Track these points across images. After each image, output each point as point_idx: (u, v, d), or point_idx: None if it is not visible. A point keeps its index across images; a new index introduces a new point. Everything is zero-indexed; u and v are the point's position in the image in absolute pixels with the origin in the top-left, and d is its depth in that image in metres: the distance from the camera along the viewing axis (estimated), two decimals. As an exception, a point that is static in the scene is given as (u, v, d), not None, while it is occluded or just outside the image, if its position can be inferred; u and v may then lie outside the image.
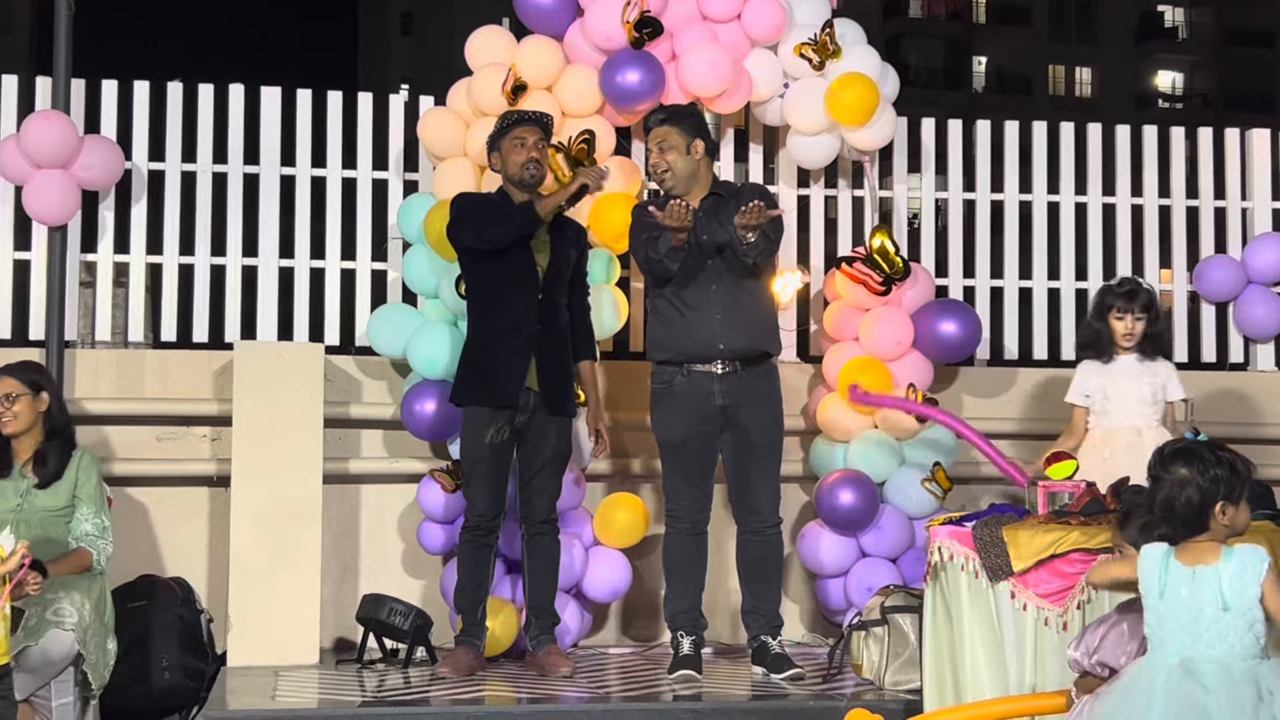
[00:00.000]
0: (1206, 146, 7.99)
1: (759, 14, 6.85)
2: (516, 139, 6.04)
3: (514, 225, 5.88)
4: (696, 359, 5.90)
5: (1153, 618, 3.90)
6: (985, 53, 47.25)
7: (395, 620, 6.26)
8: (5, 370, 5.74)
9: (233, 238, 7.13)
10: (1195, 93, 48.66)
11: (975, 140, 7.77)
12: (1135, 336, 6.18)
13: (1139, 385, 6.15)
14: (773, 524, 6.00)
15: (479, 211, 5.95)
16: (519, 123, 6.07)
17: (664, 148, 5.98)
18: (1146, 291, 6.28)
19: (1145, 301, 6.21)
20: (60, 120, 6.59)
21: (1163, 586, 3.86)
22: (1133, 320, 6.18)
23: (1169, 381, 6.20)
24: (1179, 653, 3.82)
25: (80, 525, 5.64)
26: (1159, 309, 6.30)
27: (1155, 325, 6.22)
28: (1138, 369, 6.18)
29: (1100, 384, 6.21)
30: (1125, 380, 6.16)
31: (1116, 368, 6.20)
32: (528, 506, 6.05)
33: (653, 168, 6.05)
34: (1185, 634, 3.82)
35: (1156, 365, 6.21)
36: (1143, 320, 6.19)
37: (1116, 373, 6.19)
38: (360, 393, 6.95)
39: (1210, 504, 3.89)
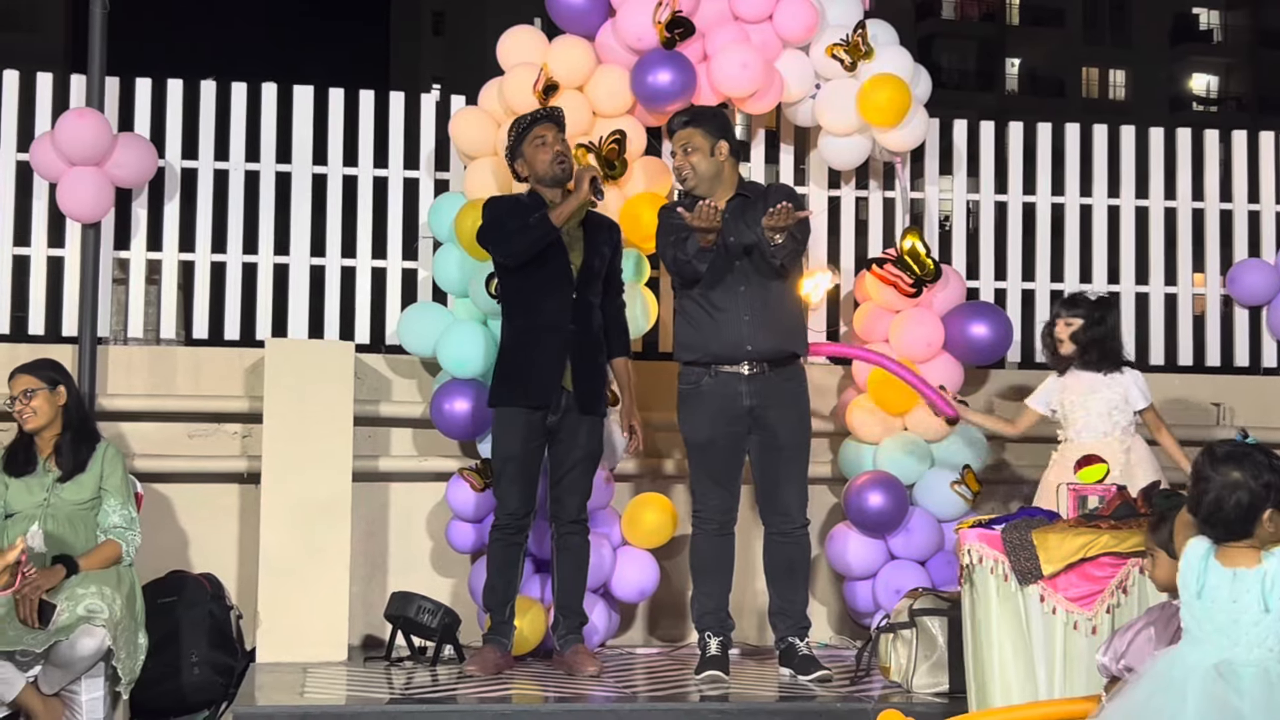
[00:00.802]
0: (1241, 149, 7.95)
1: (791, 14, 6.84)
2: (537, 139, 6.04)
3: (533, 239, 5.88)
4: (724, 360, 5.90)
5: (1189, 615, 3.85)
6: (1018, 54, 47.05)
7: (423, 618, 6.27)
8: (21, 369, 5.80)
9: (264, 236, 7.16)
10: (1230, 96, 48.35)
11: (1007, 142, 7.74)
12: (1065, 341, 6.15)
13: (1093, 398, 6.11)
14: (800, 525, 5.99)
15: (503, 223, 5.95)
16: (534, 123, 6.08)
17: (688, 149, 5.97)
18: (1086, 299, 6.25)
19: (1081, 308, 6.18)
20: (94, 118, 6.63)
21: (1201, 585, 3.82)
22: (1063, 325, 6.17)
23: (1130, 391, 6.13)
24: (1216, 654, 3.78)
25: (108, 517, 5.69)
26: (1102, 315, 6.18)
27: (1091, 331, 6.12)
28: (1093, 382, 6.14)
29: (1058, 398, 6.21)
30: (1079, 395, 6.14)
31: (1071, 381, 6.19)
32: (558, 506, 6.05)
33: (676, 170, 6.04)
34: (1223, 636, 3.78)
35: (1116, 377, 6.14)
36: (1074, 325, 6.15)
37: (1071, 386, 6.18)
38: (390, 391, 6.96)
39: (1260, 509, 3.85)
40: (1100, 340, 6.16)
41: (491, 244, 5.98)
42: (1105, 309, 6.25)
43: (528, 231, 5.90)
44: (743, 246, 5.88)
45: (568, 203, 5.92)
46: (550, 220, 5.88)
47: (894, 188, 7.37)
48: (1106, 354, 6.16)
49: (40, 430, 5.71)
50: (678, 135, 6.02)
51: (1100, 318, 6.19)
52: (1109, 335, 6.19)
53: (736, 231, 5.88)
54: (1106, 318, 6.22)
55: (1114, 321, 6.27)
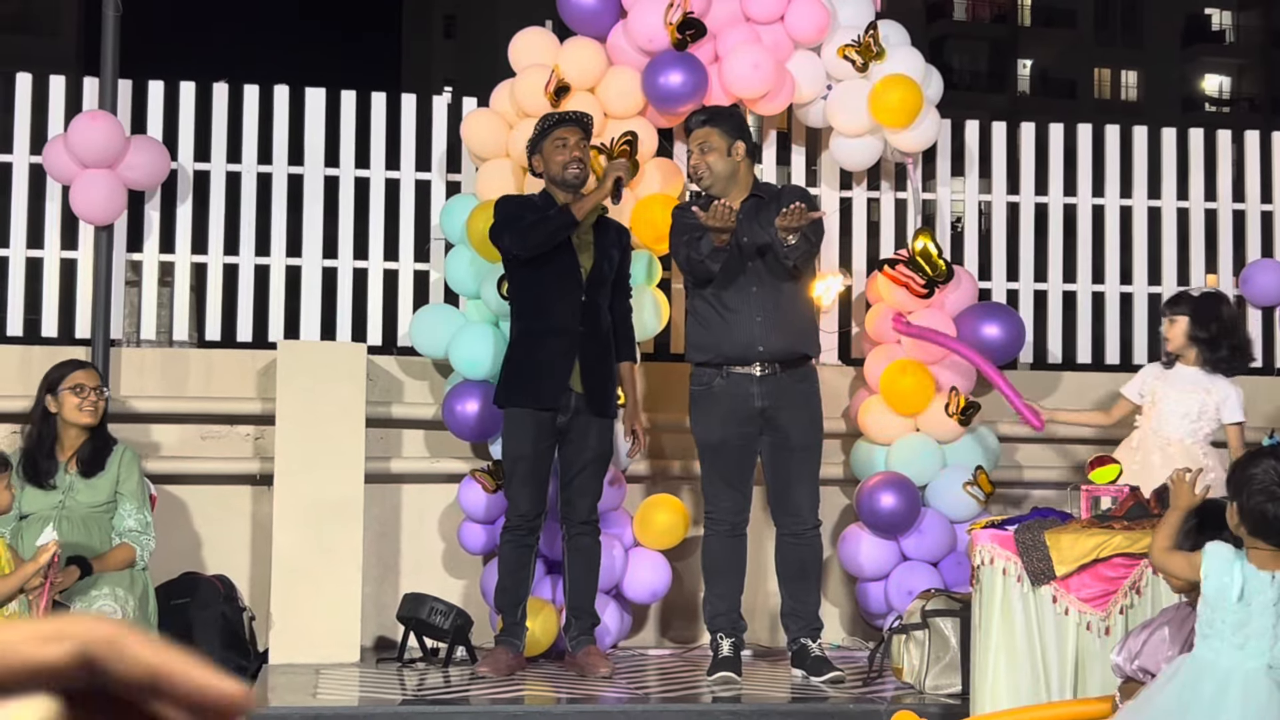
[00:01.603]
0: (1253, 150, 7.93)
1: (802, 15, 6.84)
2: (559, 140, 6.04)
3: (552, 230, 5.87)
4: (735, 361, 5.89)
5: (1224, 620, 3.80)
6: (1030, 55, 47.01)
7: (436, 619, 6.27)
8: (82, 364, 5.84)
9: (277, 238, 7.17)
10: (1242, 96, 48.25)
11: (1019, 143, 7.72)
12: (1171, 340, 6.12)
13: (1185, 397, 6.07)
14: (812, 526, 5.99)
15: (519, 217, 5.95)
16: (560, 123, 6.07)
17: (705, 149, 5.96)
18: (1190, 297, 6.20)
19: (1184, 306, 6.14)
20: (107, 120, 6.64)
21: (1241, 590, 3.79)
22: (1168, 323, 6.15)
23: (1224, 403, 6.05)
24: (1259, 657, 3.76)
25: (124, 521, 5.69)
26: (1211, 318, 6.09)
27: (1200, 331, 6.07)
28: (1193, 381, 6.09)
29: (1153, 386, 6.17)
30: (1174, 389, 6.09)
31: (1174, 375, 6.15)
32: (569, 507, 6.05)
33: (693, 169, 6.04)
34: (1265, 639, 3.76)
35: (1214, 381, 6.08)
36: (1179, 323, 6.11)
37: (1172, 379, 6.13)
38: (402, 393, 6.97)
39: None
40: (1218, 333, 6.06)
41: (507, 236, 5.94)
42: (1215, 302, 6.17)
43: (547, 222, 5.89)
44: (756, 247, 5.88)
45: (590, 198, 5.92)
46: (572, 212, 5.87)
47: (906, 189, 7.36)
48: (1217, 359, 6.04)
49: (93, 428, 5.73)
50: (695, 134, 6.01)
51: (1208, 318, 6.07)
52: (1228, 328, 6.08)
53: (750, 232, 5.88)
54: (1219, 311, 6.11)
55: (1229, 313, 6.15)
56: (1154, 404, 6.13)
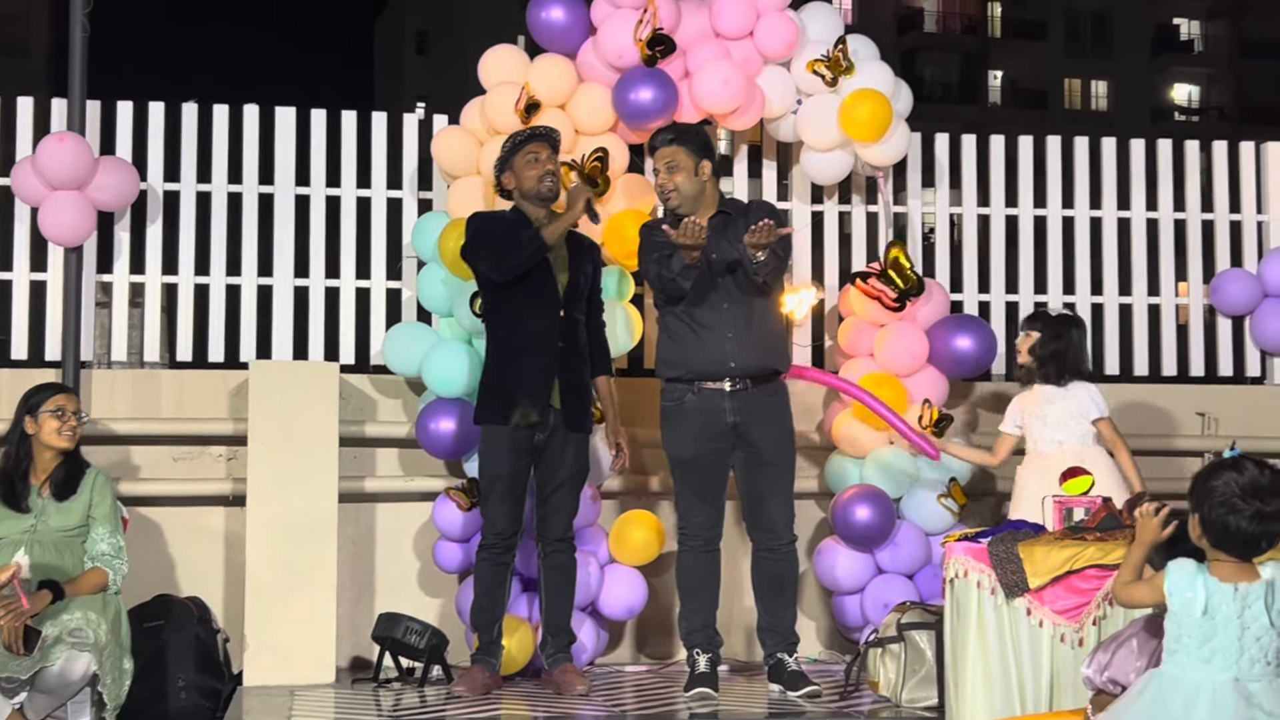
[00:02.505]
0: (1221, 160, 7.97)
1: (771, 31, 6.86)
2: (530, 154, 6.05)
3: (525, 255, 5.88)
4: (707, 377, 5.90)
5: (1189, 635, 3.81)
6: (1001, 67, 47.23)
7: (411, 639, 6.25)
8: (62, 387, 5.82)
9: (248, 257, 7.15)
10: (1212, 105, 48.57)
11: (989, 155, 7.75)
12: (1023, 354, 6.23)
13: (1049, 409, 6.14)
14: (787, 541, 5.99)
15: (493, 238, 5.94)
16: (530, 139, 6.08)
17: (671, 168, 5.97)
18: (1047, 314, 6.33)
19: (1039, 323, 6.25)
20: (75, 142, 6.62)
21: (1205, 604, 3.79)
22: (1024, 338, 6.25)
23: (1083, 402, 6.14)
24: (1225, 671, 3.76)
25: (96, 545, 5.65)
26: (1061, 331, 6.21)
27: (1049, 346, 6.16)
28: (1049, 394, 6.18)
29: (1020, 412, 6.27)
30: (1036, 406, 6.18)
31: (1030, 394, 6.25)
32: (545, 524, 6.04)
33: (659, 188, 6.04)
34: (1230, 652, 3.77)
35: (1071, 388, 6.16)
36: (1032, 338, 6.20)
37: (1034, 399, 6.22)
38: (375, 411, 6.95)
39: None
40: (1058, 355, 6.19)
41: (481, 259, 5.96)
42: (1066, 325, 6.28)
43: (520, 248, 5.89)
44: (725, 264, 5.88)
45: (561, 220, 5.93)
46: (542, 237, 5.88)
47: (877, 202, 7.38)
48: (1062, 367, 6.19)
49: (70, 452, 5.70)
50: (661, 153, 6.02)
51: (1058, 333, 6.21)
52: (1067, 350, 6.21)
53: (719, 249, 5.88)
54: (1066, 333, 6.24)
55: (1075, 337, 6.28)
56: (1031, 426, 6.22)
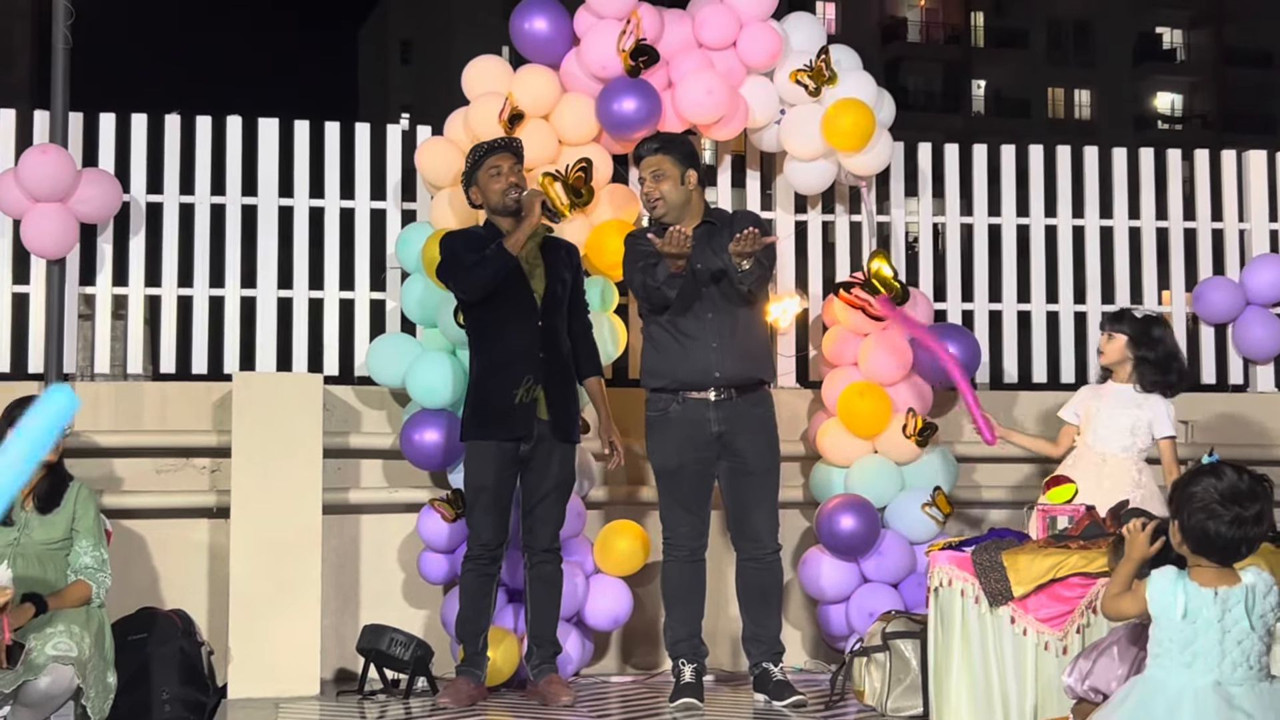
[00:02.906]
0: (1203, 168, 8.00)
1: (754, 41, 6.87)
2: (492, 168, 6.05)
3: (491, 271, 5.88)
4: (691, 386, 5.90)
5: (1171, 639, 3.82)
6: (984, 76, 47.37)
7: (396, 651, 6.24)
8: None
9: (231, 269, 7.14)
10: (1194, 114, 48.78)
11: (972, 164, 7.77)
12: (1107, 355, 6.17)
13: (1119, 413, 6.11)
14: (772, 550, 5.99)
15: (459, 258, 5.94)
16: (490, 152, 6.09)
17: (658, 176, 5.97)
18: (1133, 317, 6.21)
19: (1125, 325, 6.17)
20: (58, 154, 6.61)
21: (1185, 608, 3.80)
22: (1106, 339, 6.19)
23: (1156, 418, 6.08)
24: (1207, 675, 3.77)
25: (79, 558, 5.64)
26: (1153, 337, 6.13)
27: (1141, 350, 6.09)
28: (1126, 397, 6.14)
29: (1087, 405, 6.22)
30: (1108, 406, 6.13)
31: (1106, 391, 6.20)
32: (530, 535, 6.03)
33: (645, 196, 6.04)
34: (1212, 657, 3.78)
35: (1148, 398, 6.11)
36: (1117, 340, 6.14)
37: (1105, 396, 6.18)
38: (360, 422, 6.94)
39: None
40: (1154, 362, 6.09)
41: (450, 280, 6.00)
42: (1154, 327, 6.16)
43: (485, 264, 5.89)
44: (710, 273, 5.89)
45: (520, 229, 5.93)
46: (506, 249, 5.88)
47: (860, 211, 7.40)
48: (1152, 378, 6.07)
49: (53, 465, 5.68)
50: (647, 161, 6.02)
51: (1150, 338, 6.10)
52: (1166, 356, 6.11)
53: (704, 258, 5.89)
54: (1153, 335, 6.12)
55: (1167, 340, 6.16)
56: (1088, 421, 6.18)
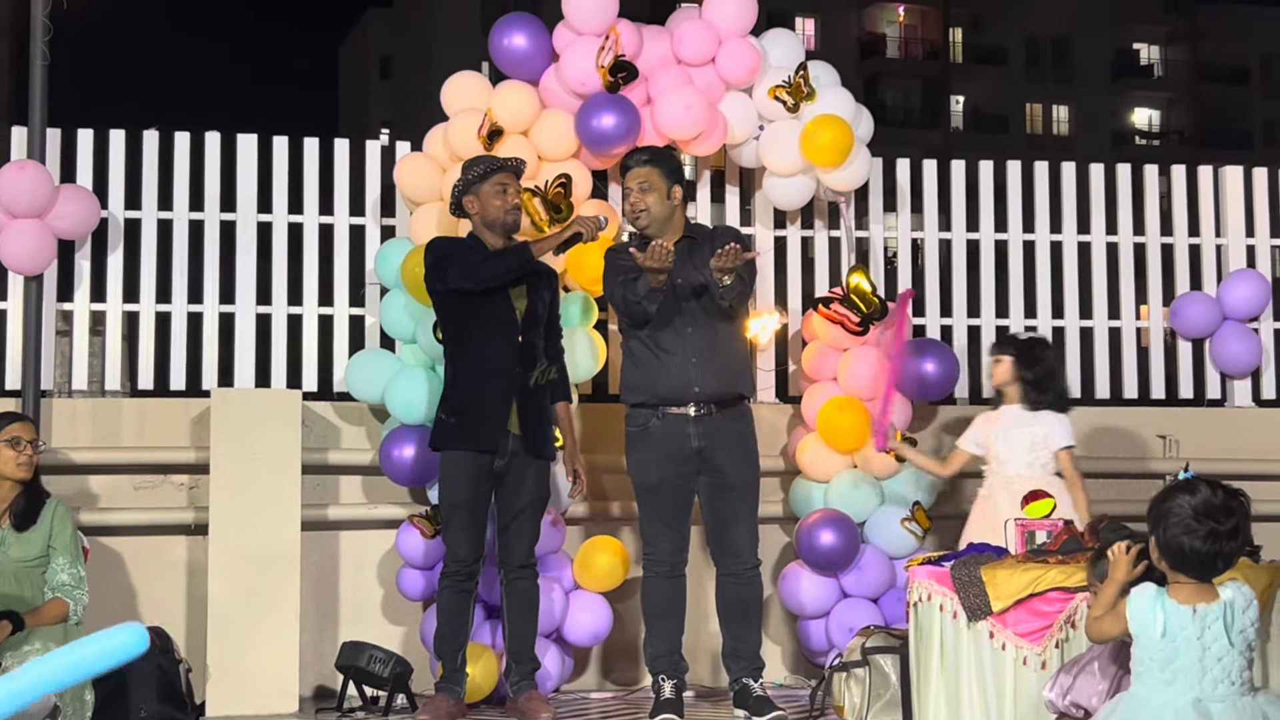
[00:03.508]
0: (1180, 184, 8.03)
1: (733, 57, 6.89)
2: (499, 184, 6.03)
3: (508, 265, 5.88)
4: (671, 402, 5.89)
5: (1151, 658, 3.82)
6: (962, 92, 47.53)
7: (375, 667, 6.22)
8: (19, 417, 5.77)
9: (210, 285, 7.12)
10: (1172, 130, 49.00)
11: (950, 180, 7.79)
12: (996, 377, 6.27)
13: (1014, 432, 6.18)
14: (752, 565, 5.98)
15: (462, 255, 5.95)
16: (502, 169, 6.06)
17: (644, 189, 5.96)
18: (1017, 339, 6.40)
19: (1011, 347, 6.30)
20: (35, 170, 6.59)
21: (1164, 626, 3.81)
22: (994, 362, 6.32)
23: (1051, 432, 6.17)
24: (1187, 693, 3.78)
25: (56, 575, 5.61)
26: (1035, 357, 6.26)
27: (1026, 370, 6.21)
28: (1019, 416, 6.22)
29: (987, 433, 6.30)
30: (1003, 428, 6.21)
31: (999, 415, 6.29)
32: (506, 551, 6.02)
33: (630, 207, 6.01)
34: (1192, 674, 3.78)
35: (1040, 415, 6.20)
36: (1005, 362, 6.25)
37: (998, 420, 6.28)
38: (339, 439, 6.93)
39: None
40: (1042, 375, 6.23)
41: (452, 271, 5.89)
42: (1037, 348, 6.33)
43: (504, 258, 5.89)
44: (691, 288, 5.89)
45: (551, 239, 5.94)
46: (530, 250, 5.88)
47: (839, 227, 7.41)
48: (1047, 386, 6.23)
49: (26, 481, 5.65)
50: (635, 172, 5.98)
51: (1038, 356, 6.26)
52: (1050, 371, 6.27)
53: (684, 273, 5.88)
54: (1044, 355, 6.29)
55: (1049, 360, 6.33)
56: (990, 448, 6.26)
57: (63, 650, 2.58)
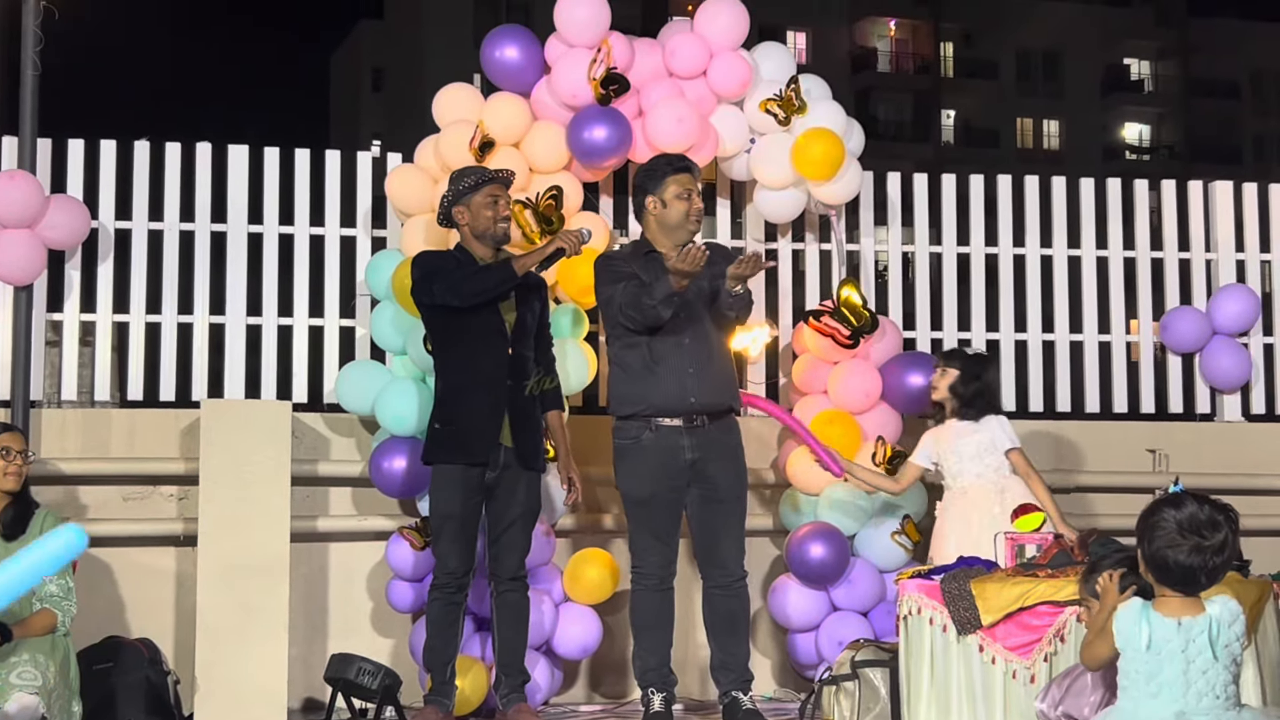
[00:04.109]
0: (1170, 199, 8.05)
1: (725, 70, 6.90)
2: (491, 195, 6.01)
3: (493, 282, 5.85)
4: (664, 413, 5.86)
5: (1137, 670, 3.83)
6: (953, 106, 47.60)
7: (364, 680, 6.20)
8: (6, 426, 5.75)
9: (200, 296, 7.12)
10: (1162, 144, 49.10)
11: (941, 194, 7.80)
12: (941, 390, 6.30)
13: (961, 443, 6.24)
14: (739, 577, 5.97)
15: (448, 270, 5.92)
16: (494, 180, 6.05)
17: (696, 194, 5.96)
18: (968, 354, 6.47)
19: (959, 361, 6.35)
20: (26, 180, 6.58)
21: (1149, 639, 3.81)
22: (939, 374, 6.34)
23: (995, 436, 6.23)
24: (1171, 706, 3.78)
25: (45, 586, 5.59)
26: (978, 369, 6.32)
27: (962, 386, 6.26)
28: (962, 427, 6.27)
29: (936, 448, 6.34)
30: (949, 440, 6.26)
31: (944, 429, 6.33)
32: (497, 563, 6.01)
33: (695, 209, 5.91)
34: (1176, 687, 3.78)
35: (984, 422, 6.25)
36: (948, 375, 6.29)
37: (945, 434, 6.31)
38: (328, 450, 6.92)
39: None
40: (981, 393, 6.30)
41: (439, 286, 5.86)
42: (982, 363, 6.42)
43: (489, 273, 5.86)
44: (702, 296, 5.87)
45: (534, 255, 5.89)
46: (513, 267, 5.86)
47: (830, 240, 7.42)
48: (984, 404, 6.29)
49: (15, 492, 5.64)
50: (690, 178, 5.94)
51: (976, 372, 6.32)
52: (983, 389, 6.32)
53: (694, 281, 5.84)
54: (983, 372, 6.36)
55: (991, 376, 6.43)
56: (945, 462, 6.31)
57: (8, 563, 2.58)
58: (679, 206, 5.91)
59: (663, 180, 5.92)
